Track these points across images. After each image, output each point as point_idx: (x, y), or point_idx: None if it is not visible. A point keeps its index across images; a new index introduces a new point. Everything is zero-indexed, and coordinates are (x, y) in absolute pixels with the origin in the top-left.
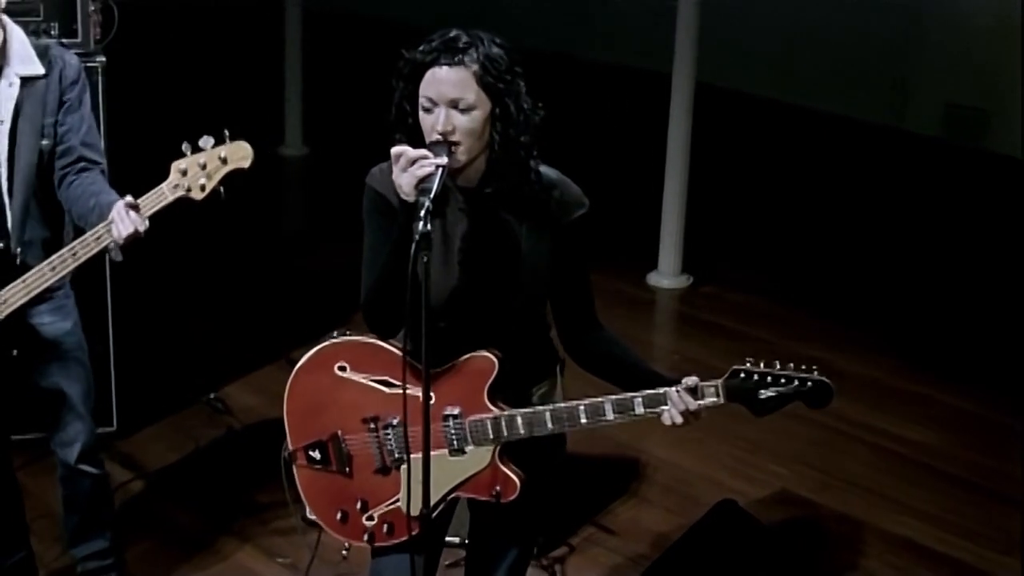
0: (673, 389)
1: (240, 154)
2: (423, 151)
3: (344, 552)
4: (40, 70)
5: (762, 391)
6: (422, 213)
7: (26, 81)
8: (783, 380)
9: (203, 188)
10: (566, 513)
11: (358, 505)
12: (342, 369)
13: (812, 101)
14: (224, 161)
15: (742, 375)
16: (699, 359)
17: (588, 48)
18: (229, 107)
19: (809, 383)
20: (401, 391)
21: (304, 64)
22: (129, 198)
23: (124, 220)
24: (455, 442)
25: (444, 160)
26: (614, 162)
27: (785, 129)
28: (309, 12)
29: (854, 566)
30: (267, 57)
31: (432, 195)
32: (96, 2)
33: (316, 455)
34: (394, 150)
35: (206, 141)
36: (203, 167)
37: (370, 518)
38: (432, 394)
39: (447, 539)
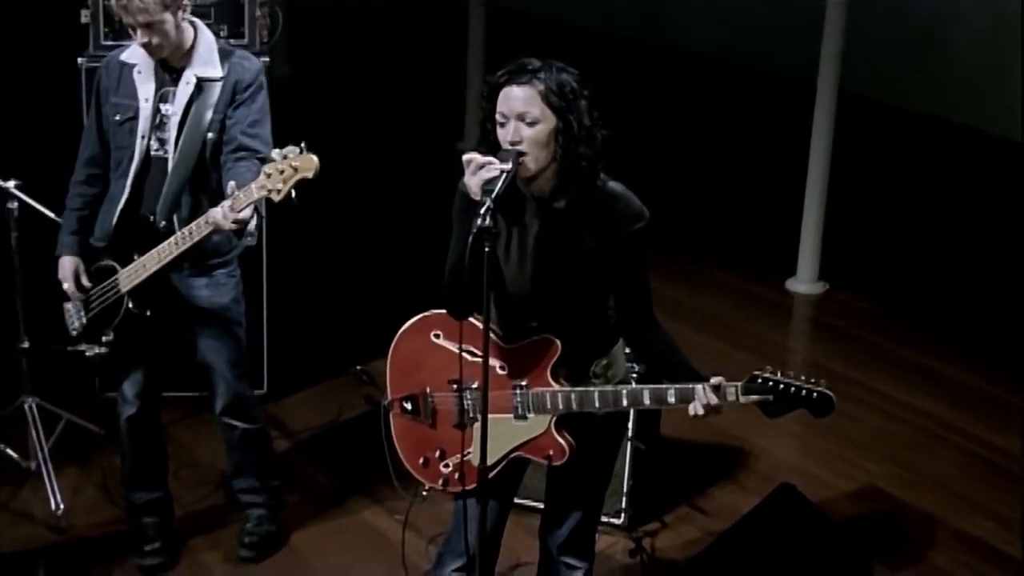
0: (700, 386)
1: (307, 165)
2: (490, 157)
3: (424, 492)
4: (218, 73)
5: (773, 396)
6: (482, 210)
7: (203, 80)
8: (792, 389)
9: (279, 192)
10: (663, 491)
11: (437, 453)
12: (437, 336)
13: (955, 115)
14: (295, 170)
15: (759, 380)
16: (817, 361)
17: (735, 53)
18: (412, 103)
19: (814, 394)
20: (481, 360)
21: (486, 62)
22: (233, 188)
23: (218, 210)
24: (519, 408)
25: (508, 165)
26: (761, 168)
27: (927, 141)
28: (493, 11)
29: (922, 560)
30: (450, 55)
31: (494, 195)
32: (263, 6)
33: (408, 406)
34: (465, 156)
35: (291, 150)
36: (281, 173)
37: (446, 465)
38: (505, 366)
39: (531, 504)
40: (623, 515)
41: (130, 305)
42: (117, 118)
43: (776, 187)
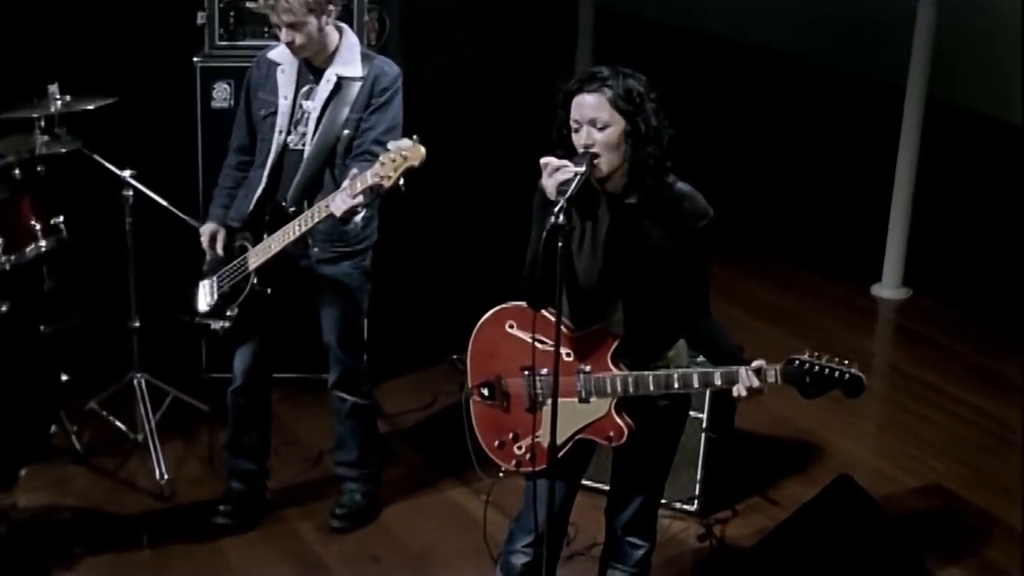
0: (743, 369)
1: (416, 154)
2: (565, 161)
3: (501, 474)
4: (358, 72)
5: (809, 378)
6: (556, 209)
7: (343, 79)
8: (827, 372)
9: (389, 179)
10: (737, 482)
11: (511, 436)
12: (511, 326)
13: None
14: (405, 159)
15: (796, 363)
16: (895, 364)
17: (828, 56)
18: (521, 104)
19: (847, 376)
20: (552, 349)
21: (594, 64)
22: (353, 172)
23: (336, 196)
24: (583, 392)
25: (582, 168)
26: (851, 173)
27: (1011, 149)
28: (602, 12)
29: (976, 555)
30: (559, 56)
31: (568, 196)
32: (372, 11)
33: (486, 392)
34: (542, 160)
35: (404, 142)
36: (393, 162)
37: (519, 447)
38: (571, 352)
39: (596, 486)
40: (696, 502)
41: (255, 282)
42: (262, 112)
43: (865, 192)
